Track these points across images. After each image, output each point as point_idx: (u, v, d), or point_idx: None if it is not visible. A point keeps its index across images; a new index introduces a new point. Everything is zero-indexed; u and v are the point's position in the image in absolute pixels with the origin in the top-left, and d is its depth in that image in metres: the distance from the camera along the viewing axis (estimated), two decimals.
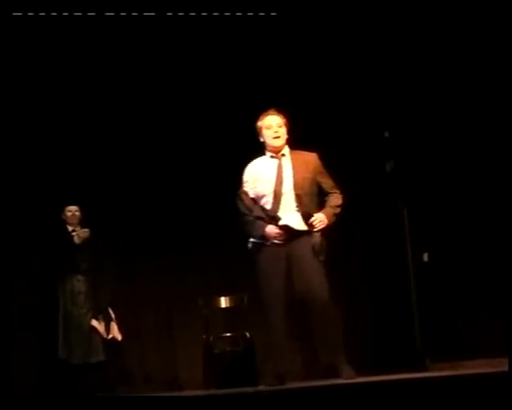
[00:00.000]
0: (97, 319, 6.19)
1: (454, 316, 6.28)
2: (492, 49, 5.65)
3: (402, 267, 6.83)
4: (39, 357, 6.31)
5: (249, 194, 4.65)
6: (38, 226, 6.46)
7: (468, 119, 6.06)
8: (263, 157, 4.74)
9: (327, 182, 4.68)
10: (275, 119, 4.66)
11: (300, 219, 4.51)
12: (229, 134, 6.74)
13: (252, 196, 4.64)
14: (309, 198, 4.57)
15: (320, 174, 4.67)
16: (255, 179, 4.65)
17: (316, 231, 4.50)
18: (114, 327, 6.24)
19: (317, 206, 4.61)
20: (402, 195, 6.83)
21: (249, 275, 4.85)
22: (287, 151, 4.70)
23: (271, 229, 4.49)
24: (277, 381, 4.46)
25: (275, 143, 4.64)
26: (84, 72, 6.63)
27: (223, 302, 6.40)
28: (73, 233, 6.27)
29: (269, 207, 4.53)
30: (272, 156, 4.68)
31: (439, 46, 6.28)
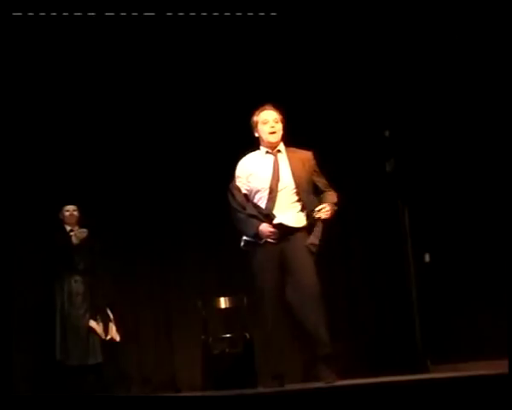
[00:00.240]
0: (95, 320, 6.16)
1: (455, 317, 6.25)
2: (493, 47, 5.62)
3: (403, 268, 6.82)
4: (36, 358, 6.28)
5: (241, 190, 4.55)
6: (36, 226, 6.43)
7: (470, 118, 6.03)
8: (256, 152, 4.64)
9: (321, 181, 4.60)
10: (271, 114, 4.56)
11: (295, 216, 4.44)
12: (228, 134, 6.71)
13: (244, 192, 4.54)
14: (306, 196, 4.50)
15: (315, 173, 4.60)
16: (248, 175, 4.54)
17: (311, 228, 4.44)
18: (112, 328, 6.21)
19: (314, 204, 4.51)
20: (402, 194, 6.79)
21: (248, 276, 4.81)
22: (282, 148, 4.60)
23: (265, 227, 4.40)
24: (277, 382, 4.40)
25: (271, 139, 4.55)
26: (84, 71, 6.63)
27: (222, 303, 6.39)
28: (71, 233, 6.24)
29: (263, 204, 4.44)
30: (268, 152, 4.58)
31: (440, 45, 6.25)
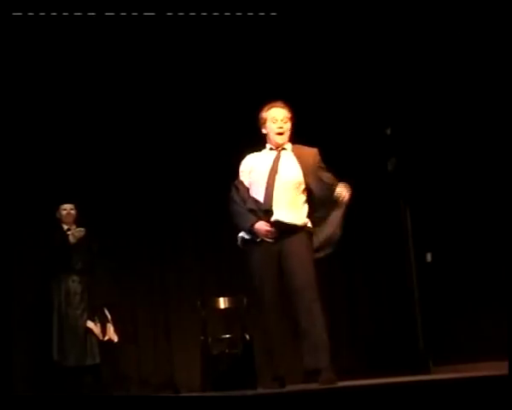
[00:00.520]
0: (93, 321, 6.10)
1: (457, 318, 6.24)
2: (495, 46, 5.62)
3: (404, 268, 6.83)
4: (33, 359, 6.23)
5: (244, 184, 4.51)
6: (32, 225, 6.39)
7: (472, 116, 6.03)
8: (263, 151, 4.61)
9: (328, 176, 4.50)
10: (281, 112, 4.50)
11: (295, 214, 4.37)
12: (228, 134, 6.72)
13: (247, 187, 4.48)
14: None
15: (320, 169, 4.52)
16: (250, 170, 4.51)
17: (307, 227, 4.38)
18: (110, 328, 6.16)
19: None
20: (404, 194, 6.79)
21: (248, 276, 4.77)
22: (288, 145, 4.57)
23: (261, 225, 4.33)
24: (277, 384, 4.36)
25: (277, 140, 4.50)
26: (82, 71, 6.62)
27: (221, 303, 6.34)
28: (68, 232, 6.19)
29: (261, 197, 4.38)
30: (272, 149, 4.56)
31: (442, 43, 6.25)
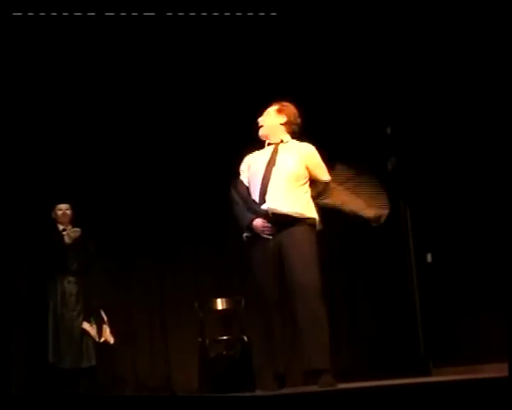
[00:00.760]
0: (89, 322, 6.06)
1: (458, 320, 6.24)
2: (495, 44, 5.61)
3: (404, 268, 6.85)
4: (28, 361, 6.17)
5: (244, 182, 4.56)
6: (28, 225, 6.34)
7: (472, 116, 6.02)
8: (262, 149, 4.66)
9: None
10: (268, 108, 4.61)
11: (291, 204, 4.36)
12: (227, 134, 6.72)
13: (246, 186, 4.53)
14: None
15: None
16: (249, 166, 4.57)
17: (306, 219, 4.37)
18: (106, 330, 6.12)
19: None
20: (404, 194, 6.79)
21: (246, 276, 4.73)
22: (288, 139, 4.58)
23: (259, 222, 4.37)
24: (277, 384, 4.34)
25: (259, 133, 4.60)
26: (81, 71, 6.62)
27: (219, 305, 6.32)
28: (64, 232, 6.15)
29: (257, 190, 4.41)
30: (269, 143, 4.61)
31: (442, 42, 6.25)
